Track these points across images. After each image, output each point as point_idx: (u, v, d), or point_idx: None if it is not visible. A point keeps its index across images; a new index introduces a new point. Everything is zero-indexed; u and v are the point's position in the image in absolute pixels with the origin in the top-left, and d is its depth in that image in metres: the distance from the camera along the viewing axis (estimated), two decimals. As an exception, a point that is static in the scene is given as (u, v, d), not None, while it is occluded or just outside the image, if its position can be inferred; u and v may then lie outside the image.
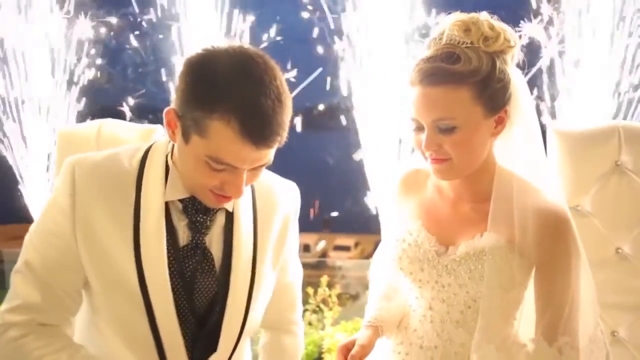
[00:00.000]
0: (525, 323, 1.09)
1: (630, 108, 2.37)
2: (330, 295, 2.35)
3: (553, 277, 1.00)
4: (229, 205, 0.98)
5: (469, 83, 0.94)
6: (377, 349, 1.10)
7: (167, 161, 0.96)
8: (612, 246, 1.44)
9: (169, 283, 0.92)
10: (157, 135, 1.64)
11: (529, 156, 1.06)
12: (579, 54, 2.36)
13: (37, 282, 0.93)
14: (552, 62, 2.41)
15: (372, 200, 2.55)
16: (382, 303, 1.16)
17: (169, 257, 0.93)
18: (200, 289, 0.96)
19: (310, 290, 2.32)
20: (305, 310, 2.28)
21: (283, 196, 1.07)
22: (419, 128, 0.99)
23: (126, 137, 1.62)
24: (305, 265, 1.23)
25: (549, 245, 0.99)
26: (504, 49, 0.98)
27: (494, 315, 1.01)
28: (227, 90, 0.83)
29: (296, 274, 1.16)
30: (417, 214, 1.11)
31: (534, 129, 1.05)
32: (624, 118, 2.37)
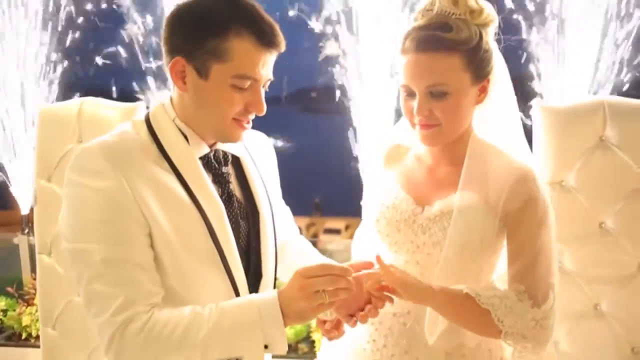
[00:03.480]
0: None
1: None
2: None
3: (520, 227, 1.04)
4: (236, 150, 1.06)
5: (460, 51, 1.01)
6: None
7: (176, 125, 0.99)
8: (596, 221, 1.46)
9: (230, 231, 0.98)
10: (140, 112, 1.62)
11: (506, 123, 1.13)
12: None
13: (122, 268, 0.89)
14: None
15: (363, 183, 2.55)
16: None
17: None
18: (242, 234, 1.04)
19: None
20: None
21: (264, 144, 1.20)
22: (410, 95, 1.05)
23: (107, 115, 1.60)
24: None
25: (517, 197, 1.03)
26: (487, 22, 1.05)
27: (452, 267, 1.04)
28: (228, 12, 0.92)
29: (287, 209, 1.28)
30: (397, 179, 1.16)
31: (511, 98, 1.13)
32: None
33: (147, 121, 0.99)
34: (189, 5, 0.94)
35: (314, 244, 1.28)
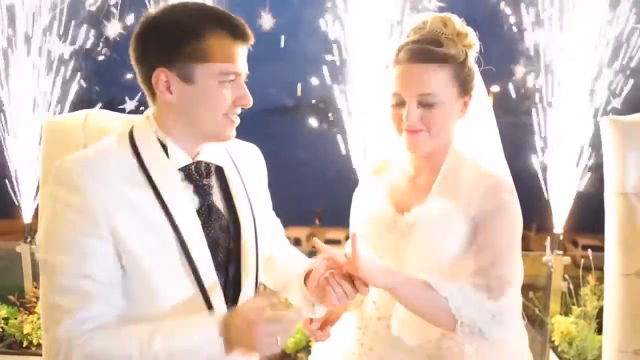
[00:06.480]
0: None
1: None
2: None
3: (487, 228, 1.09)
4: (220, 161, 1.07)
5: (449, 65, 1.10)
6: (340, 327, 1.20)
7: (157, 138, 1.00)
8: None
9: (206, 246, 0.98)
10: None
11: (484, 137, 1.21)
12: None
13: (82, 284, 0.90)
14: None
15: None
16: None
17: None
18: (221, 246, 1.03)
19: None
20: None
21: (254, 156, 1.20)
22: (400, 103, 1.12)
23: (112, 126, 1.63)
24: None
25: (487, 202, 1.09)
26: (471, 44, 1.15)
27: (429, 270, 1.07)
28: (199, 15, 0.95)
29: (277, 221, 1.29)
30: (382, 189, 1.23)
31: (489, 115, 1.22)
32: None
33: (131, 134, 1.00)
34: (156, 19, 0.96)
35: (314, 254, 1.30)
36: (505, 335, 1.05)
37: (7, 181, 2.65)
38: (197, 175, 1.02)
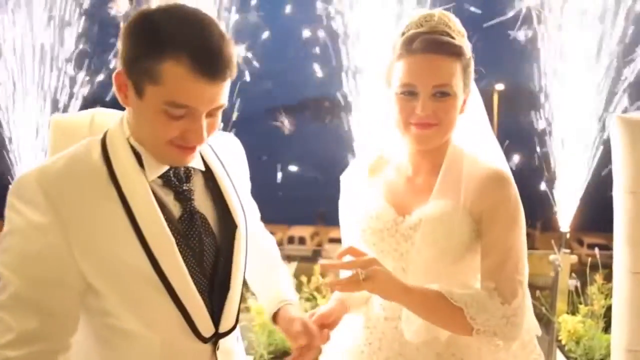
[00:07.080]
0: None
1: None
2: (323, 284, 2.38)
3: (492, 226, 1.08)
4: (199, 164, 1.01)
5: (460, 59, 1.09)
6: (349, 326, 1.19)
7: (130, 144, 0.94)
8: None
9: (180, 259, 0.92)
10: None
11: (481, 133, 1.21)
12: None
13: (31, 309, 0.85)
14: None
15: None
16: None
17: (172, 233, 0.93)
18: (207, 251, 0.98)
19: (304, 278, 2.34)
20: (299, 298, 2.30)
21: (236, 148, 1.17)
22: (411, 93, 1.08)
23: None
24: (301, 258, 1.28)
25: (489, 197, 1.08)
26: (466, 44, 1.14)
27: (435, 271, 1.07)
28: (171, 33, 0.84)
29: (254, 206, 1.27)
30: (379, 190, 1.20)
31: (483, 112, 1.23)
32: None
33: (104, 140, 0.94)
34: (140, 18, 0.88)
35: (319, 253, 1.29)
36: (517, 335, 1.03)
37: (10, 179, 2.67)
38: (176, 181, 0.96)
